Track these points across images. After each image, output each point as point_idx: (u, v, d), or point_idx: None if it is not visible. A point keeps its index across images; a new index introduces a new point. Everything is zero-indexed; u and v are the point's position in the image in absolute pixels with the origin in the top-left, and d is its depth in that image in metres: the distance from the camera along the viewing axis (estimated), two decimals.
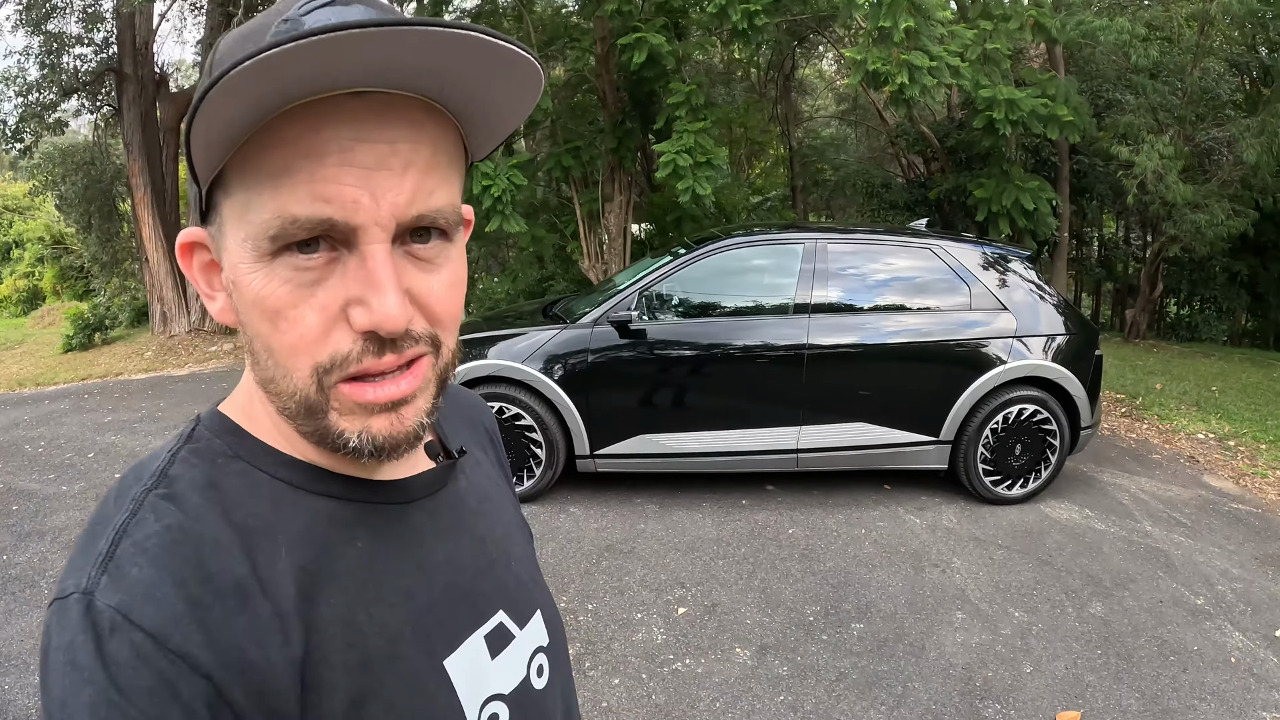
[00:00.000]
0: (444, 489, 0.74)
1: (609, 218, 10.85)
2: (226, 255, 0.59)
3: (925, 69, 7.12)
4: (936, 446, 4.91)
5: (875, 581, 4.02)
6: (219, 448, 0.64)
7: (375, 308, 0.55)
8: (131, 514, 0.57)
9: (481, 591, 0.72)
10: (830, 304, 4.92)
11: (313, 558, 0.61)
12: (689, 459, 4.94)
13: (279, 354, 0.58)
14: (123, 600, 0.52)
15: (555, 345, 4.94)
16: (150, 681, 0.51)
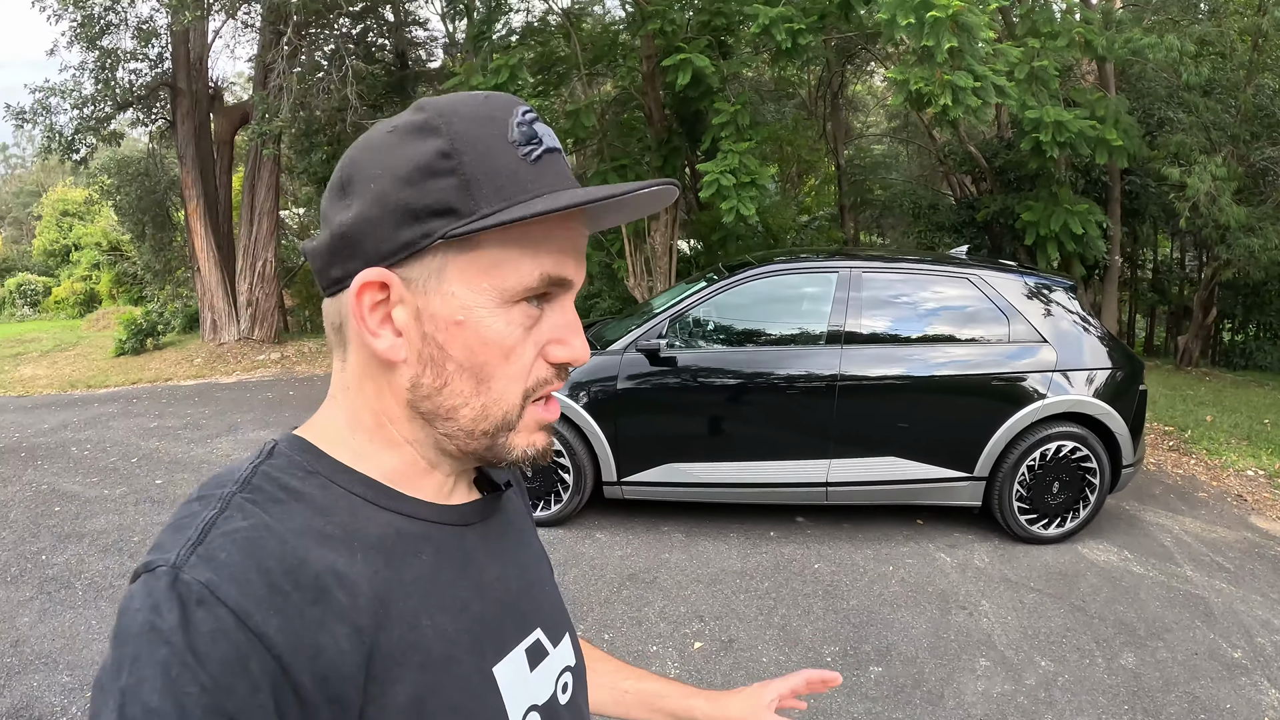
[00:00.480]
0: (492, 517, 0.82)
1: (654, 236, 10.85)
2: (447, 299, 0.68)
3: (969, 89, 7.01)
4: (971, 483, 4.80)
5: (899, 622, 3.93)
6: (299, 463, 0.70)
7: (576, 347, 0.73)
8: (220, 510, 0.63)
9: (524, 609, 0.80)
10: (863, 334, 4.84)
11: (384, 564, 0.67)
12: (716, 489, 4.90)
13: (499, 381, 0.70)
14: (211, 578, 0.58)
15: (584, 371, 4.92)
16: (226, 653, 0.56)
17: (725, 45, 9.96)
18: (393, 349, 0.69)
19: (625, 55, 11.27)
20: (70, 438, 7.82)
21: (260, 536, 0.62)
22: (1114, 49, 8.85)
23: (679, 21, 8.96)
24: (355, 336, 0.71)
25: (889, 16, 6.98)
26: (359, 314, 0.69)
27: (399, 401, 0.72)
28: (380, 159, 0.69)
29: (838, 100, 15.78)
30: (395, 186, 0.67)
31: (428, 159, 0.67)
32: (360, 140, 0.73)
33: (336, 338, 0.74)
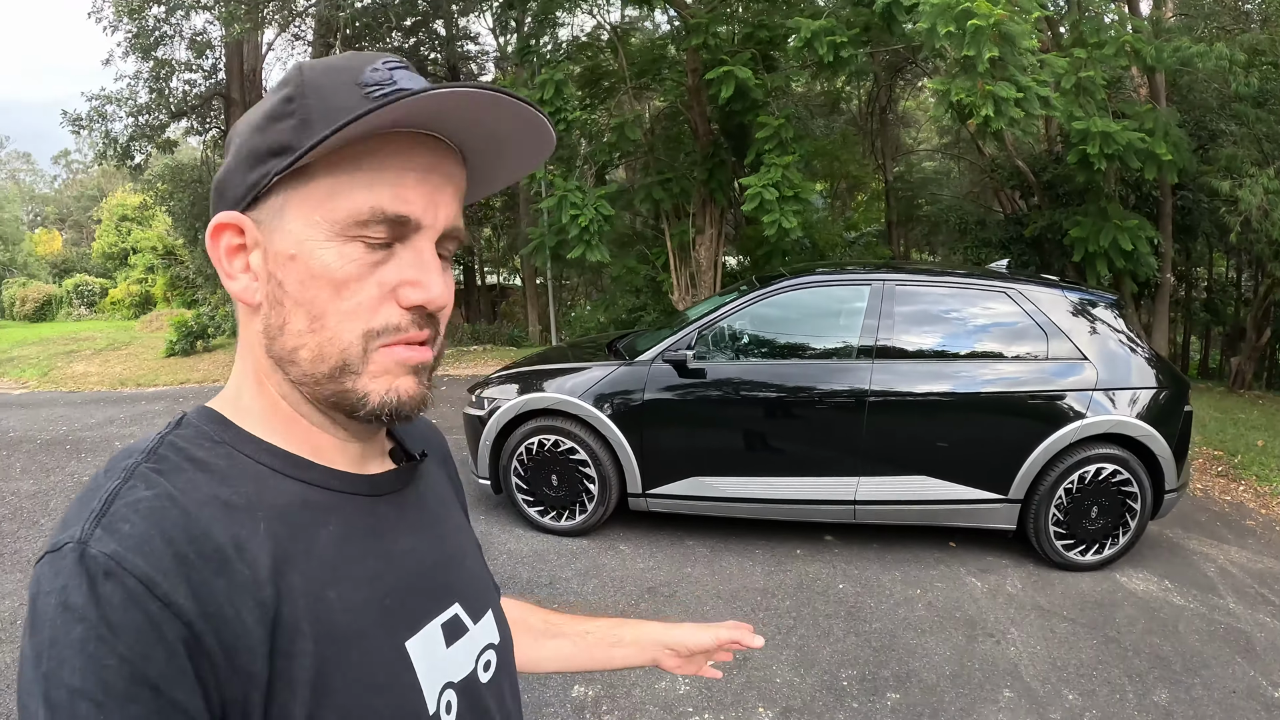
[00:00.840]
0: (407, 487, 0.81)
1: (700, 250, 10.86)
2: (284, 235, 0.68)
3: (1012, 100, 6.88)
4: (1005, 505, 4.65)
5: (921, 648, 3.82)
6: (207, 433, 0.70)
7: (429, 286, 0.69)
8: (123, 481, 0.63)
9: (441, 582, 0.79)
10: (895, 348, 4.74)
11: (288, 535, 0.67)
12: (742, 504, 4.83)
13: (332, 318, 0.68)
14: (116, 549, 0.58)
15: (612, 381, 4.90)
16: (139, 621, 0.56)
17: (770, 59, 9.93)
18: (246, 290, 0.70)
19: (671, 69, 11.29)
20: (115, 433, 8.03)
21: (164, 506, 0.62)
22: (1163, 58, 8.65)
23: (723, 35, 8.95)
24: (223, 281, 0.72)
25: (930, 25, 6.89)
26: (216, 257, 0.71)
27: (263, 350, 0.72)
28: (248, 116, 0.72)
29: (885, 115, 15.62)
30: (249, 135, 0.70)
31: (274, 105, 0.69)
32: None
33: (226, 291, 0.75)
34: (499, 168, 0.78)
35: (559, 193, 9.12)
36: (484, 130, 0.71)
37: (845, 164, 14.70)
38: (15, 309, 27.19)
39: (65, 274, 36.43)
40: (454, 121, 0.69)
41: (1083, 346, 4.68)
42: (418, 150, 0.69)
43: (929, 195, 16.10)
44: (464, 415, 5.44)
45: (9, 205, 41.12)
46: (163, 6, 12.69)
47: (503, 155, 0.76)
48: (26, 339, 17.36)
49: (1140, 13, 10.92)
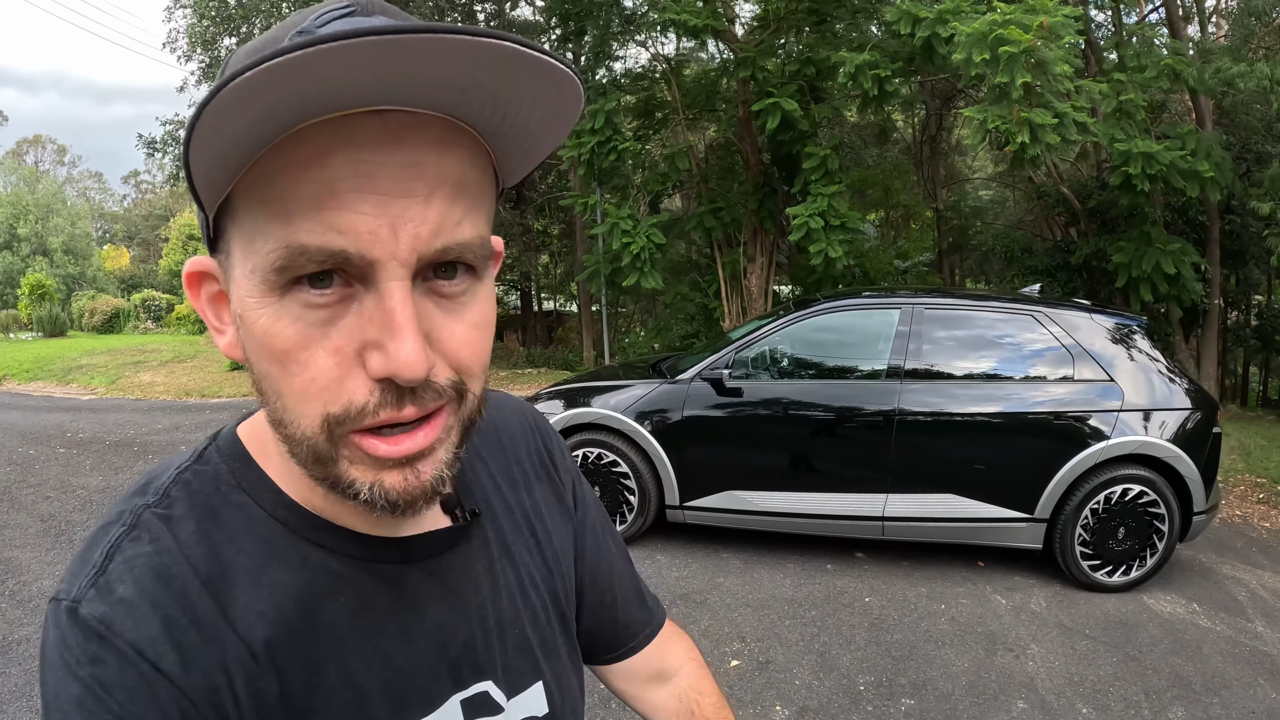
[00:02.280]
0: (453, 550, 0.70)
1: (750, 278, 11.03)
2: (234, 287, 0.55)
3: (1048, 126, 6.98)
4: (1031, 524, 4.76)
5: (940, 659, 3.94)
6: (224, 474, 0.64)
7: (392, 354, 0.51)
8: (128, 529, 0.60)
9: (469, 661, 0.70)
10: (924, 370, 4.91)
11: (293, 604, 0.61)
12: (774, 518, 5.02)
13: (288, 397, 0.54)
14: (105, 613, 0.55)
15: (653, 398, 5.15)
16: (133, 682, 0.54)
17: (818, 90, 10.14)
18: (230, 347, 0.59)
19: (724, 101, 11.55)
20: (181, 438, 8.46)
21: (163, 564, 0.58)
22: (1204, 79, 8.65)
23: (771, 68, 9.17)
24: None
25: (965, 55, 7.03)
26: (199, 308, 0.61)
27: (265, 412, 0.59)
28: None
29: (936, 144, 15.67)
30: None
31: None
32: None
33: None
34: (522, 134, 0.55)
35: (610, 220, 9.42)
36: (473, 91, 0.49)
37: (897, 193, 14.77)
38: (84, 320, 28.12)
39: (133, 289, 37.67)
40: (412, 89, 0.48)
41: (1109, 368, 4.79)
42: (357, 142, 0.49)
43: (981, 223, 16.08)
44: None
45: (80, 222, 42.69)
46: (235, 39, 13.27)
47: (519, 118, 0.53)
48: (95, 349, 17.99)
49: (1182, 35, 10.88)
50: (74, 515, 5.82)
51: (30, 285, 27.46)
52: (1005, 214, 17.31)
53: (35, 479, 6.95)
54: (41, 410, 11.47)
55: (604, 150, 9.72)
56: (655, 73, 12.83)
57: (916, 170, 15.49)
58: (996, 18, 6.81)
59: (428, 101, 0.49)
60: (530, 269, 18.97)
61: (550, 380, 13.21)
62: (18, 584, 4.62)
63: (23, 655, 3.79)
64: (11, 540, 5.37)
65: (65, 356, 17.15)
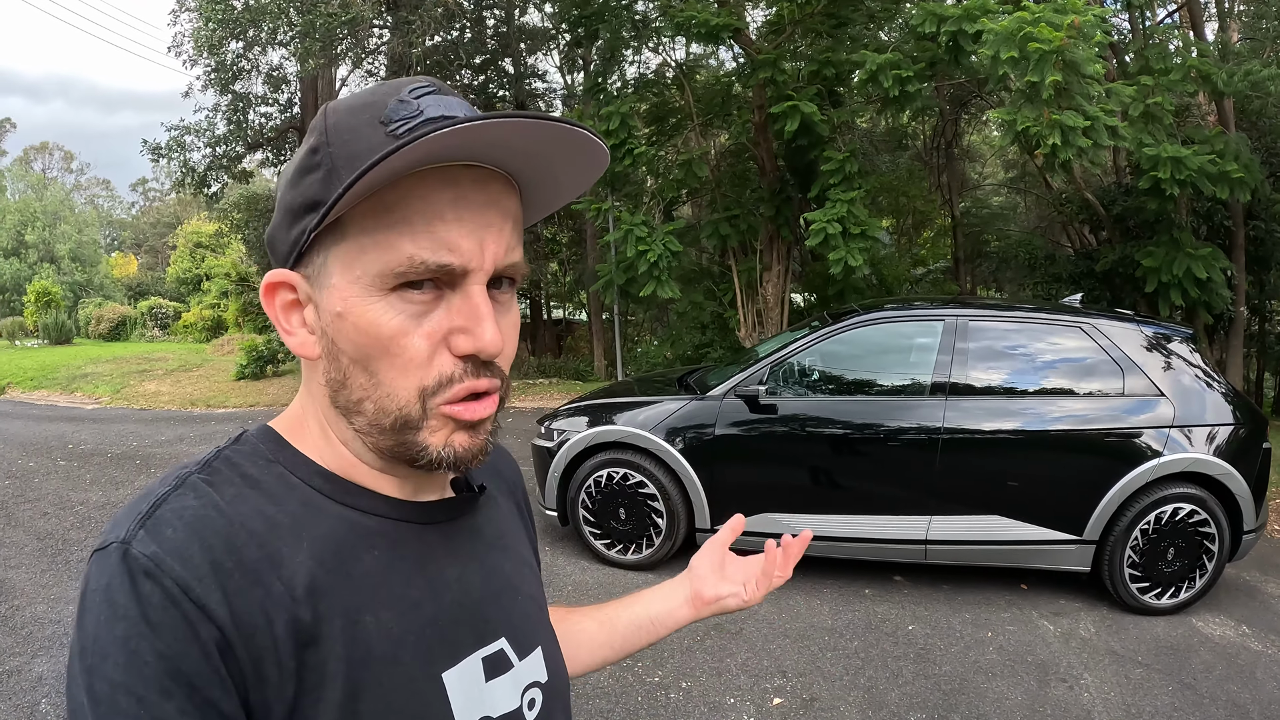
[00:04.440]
0: (462, 518, 0.80)
1: (766, 287, 10.85)
2: (330, 290, 0.67)
3: (1079, 129, 6.78)
4: (1079, 546, 4.54)
5: (992, 692, 3.74)
6: (262, 451, 0.72)
7: (479, 335, 0.66)
8: (174, 488, 0.65)
9: (486, 616, 0.77)
10: (969, 386, 4.69)
11: (331, 556, 0.67)
12: (811, 542, 4.76)
13: (386, 375, 0.67)
14: (155, 551, 0.60)
15: (683, 416, 4.93)
16: (175, 620, 0.58)
17: (836, 94, 9.95)
18: (303, 345, 0.70)
19: (738, 107, 11.35)
20: (184, 450, 8.30)
21: (208, 515, 0.63)
22: (1233, 82, 8.45)
23: (789, 71, 8.98)
24: None
25: (993, 53, 6.84)
26: (272, 314, 0.71)
27: (326, 400, 0.72)
28: (285, 169, 0.71)
29: (951, 150, 15.47)
30: (285, 190, 0.69)
31: (302, 158, 0.67)
32: None
33: None
34: (552, 189, 0.74)
35: (624, 227, 9.19)
36: (528, 154, 0.67)
37: (912, 199, 14.57)
38: (91, 328, 28.10)
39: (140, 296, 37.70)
40: (491, 150, 0.65)
41: (1159, 382, 4.59)
42: (456, 185, 0.65)
43: (996, 231, 15.85)
44: (532, 446, 5.51)
45: (87, 229, 42.82)
46: (241, 43, 13.17)
47: (554, 176, 0.72)
48: (100, 356, 17.89)
49: (1205, 37, 10.70)
50: (71, 533, 5.66)
51: (37, 292, 27.40)
52: (1016, 221, 17.13)
53: (34, 493, 6.81)
54: (44, 420, 11.34)
55: (619, 154, 9.54)
56: (667, 78, 12.67)
57: (931, 176, 15.30)
58: (1026, 15, 6.61)
59: (501, 161, 0.67)
60: (540, 277, 18.83)
61: (563, 391, 13.04)
62: (10, 609, 4.43)
63: (14, 688, 3.60)
64: (6, 560, 5.20)
65: (70, 364, 17.05)
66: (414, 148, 0.59)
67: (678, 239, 9.52)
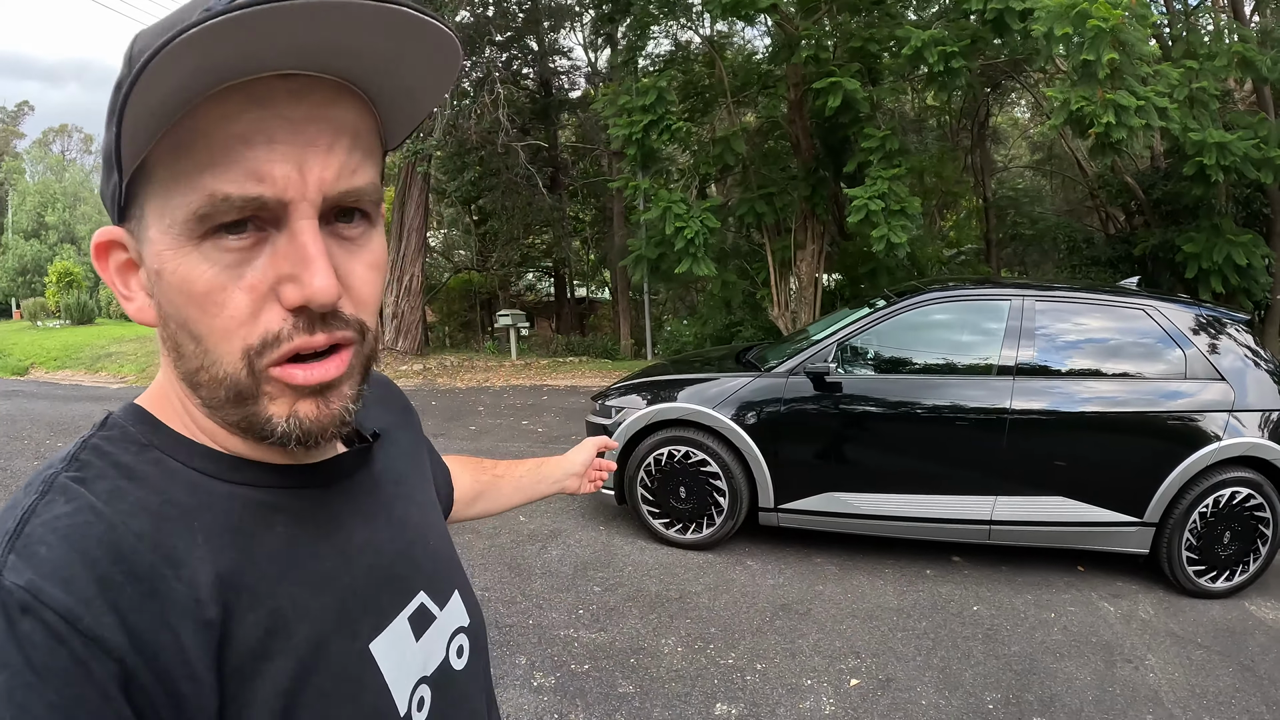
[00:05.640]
0: (360, 471, 0.74)
1: (800, 266, 10.81)
2: (149, 246, 0.58)
3: (1132, 109, 6.72)
4: (1140, 529, 4.53)
5: (1062, 673, 3.74)
6: (133, 435, 0.63)
7: (307, 282, 0.56)
8: (41, 494, 0.57)
9: (402, 573, 0.73)
10: (1035, 366, 4.66)
11: (231, 544, 0.60)
12: (875, 521, 4.77)
13: (209, 339, 0.58)
14: (31, 579, 0.51)
15: (748, 393, 4.90)
16: (65, 662, 0.50)
17: (874, 72, 9.87)
18: (140, 311, 0.62)
19: (774, 83, 11.26)
20: None
21: (85, 521, 0.55)
22: (1277, 69, 8.36)
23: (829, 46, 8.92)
24: None
25: (1046, 29, 6.77)
26: (106, 277, 0.63)
27: (174, 370, 0.63)
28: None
29: (984, 130, 15.31)
30: (105, 134, 0.56)
31: (112, 95, 0.54)
32: None
33: None
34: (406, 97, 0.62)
35: (662, 204, 9.13)
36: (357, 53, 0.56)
37: (947, 181, 14.45)
38: (113, 307, 28.24)
39: None
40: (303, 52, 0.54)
41: (1220, 366, 4.56)
42: (266, 101, 0.55)
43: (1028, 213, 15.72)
44: (587, 424, 5.51)
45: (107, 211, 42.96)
46: None
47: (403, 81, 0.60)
48: (124, 336, 18.02)
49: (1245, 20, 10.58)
50: None
51: (58, 273, 27.55)
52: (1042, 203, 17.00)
53: None
54: (70, 400, 11.41)
55: (658, 129, 9.47)
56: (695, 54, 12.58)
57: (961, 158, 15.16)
58: None
59: (323, 66, 0.56)
60: (566, 255, 18.80)
61: (593, 369, 13.06)
62: None
63: None
64: None
65: (94, 344, 17.15)
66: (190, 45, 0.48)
67: (713, 215, 9.48)
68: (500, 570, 4.72)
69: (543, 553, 4.99)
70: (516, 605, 4.27)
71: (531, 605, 4.28)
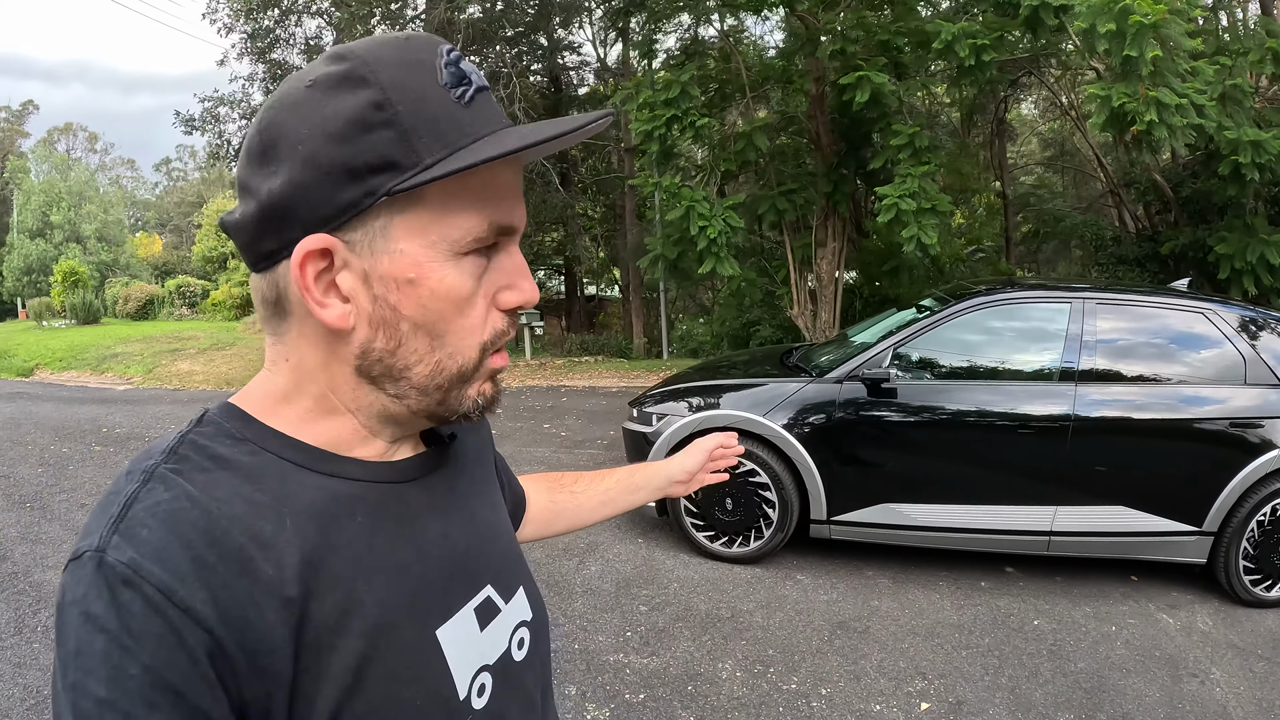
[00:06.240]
0: (437, 470, 0.80)
1: (821, 264, 10.65)
2: (397, 258, 0.66)
3: (1173, 107, 6.58)
4: (1198, 538, 4.40)
5: (1131, 689, 3.62)
6: (228, 430, 0.68)
7: (526, 289, 0.72)
8: (142, 483, 0.62)
9: (472, 567, 0.78)
10: (1099, 371, 4.51)
11: (315, 530, 0.65)
12: (931, 533, 4.62)
13: (454, 335, 0.69)
14: (133, 557, 0.57)
15: (800, 399, 4.74)
16: (159, 629, 0.56)
17: (898, 66, 9.71)
18: (342, 317, 0.67)
19: (794, 78, 11.09)
20: None
21: (183, 508, 0.60)
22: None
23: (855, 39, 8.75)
24: (298, 308, 0.68)
25: (1088, 25, 6.63)
26: (304, 285, 0.66)
27: (346, 368, 0.70)
28: (305, 117, 0.64)
29: (1003, 126, 15.14)
30: (328, 145, 0.63)
31: (360, 112, 0.63)
32: (276, 99, 0.67)
33: (271, 311, 0.70)
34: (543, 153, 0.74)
35: (684, 203, 8.96)
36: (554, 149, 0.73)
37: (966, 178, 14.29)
38: (119, 307, 28.18)
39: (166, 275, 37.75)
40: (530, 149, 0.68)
41: (1278, 370, 4.45)
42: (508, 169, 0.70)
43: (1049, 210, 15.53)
44: (625, 431, 5.36)
45: (112, 209, 42.85)
46: (278, 9, 13.01)
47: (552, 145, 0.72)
48: (130, 336, 17.87)
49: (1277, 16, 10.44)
50: None
51: (64, 272, 27.46)
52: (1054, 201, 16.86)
53: (69, 482, 6.64)
54: (75, 402, 11.27)
55: (680, 124, 9.31)
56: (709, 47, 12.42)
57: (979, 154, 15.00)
58: None
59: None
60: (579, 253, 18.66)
61: (610, 369, 12.93)
62: (51, 615, 4.07)
63: None
64: (44, 559, 4.95)
65: (100, 344, 17.05)
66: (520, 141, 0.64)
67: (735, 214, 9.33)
68: (539, 588, 4.58)
69: (581, 568, 4.84)
70: (560, 628, 4.12)
71: (576, 628, 4.14)
